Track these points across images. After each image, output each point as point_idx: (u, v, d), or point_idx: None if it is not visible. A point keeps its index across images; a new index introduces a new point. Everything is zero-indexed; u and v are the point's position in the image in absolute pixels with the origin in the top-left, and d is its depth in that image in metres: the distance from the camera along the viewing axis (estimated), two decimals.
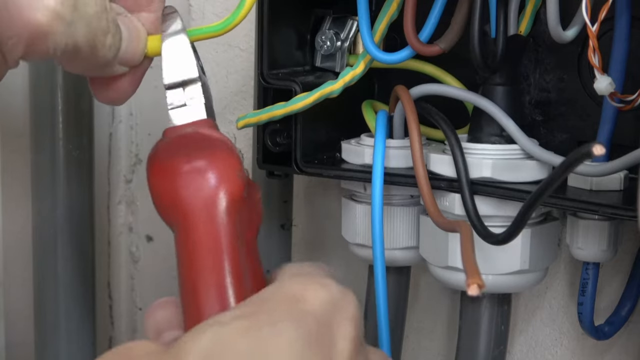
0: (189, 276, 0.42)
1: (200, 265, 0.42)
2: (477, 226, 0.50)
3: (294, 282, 0.41)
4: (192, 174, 0.43)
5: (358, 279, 0.67)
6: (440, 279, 0.55)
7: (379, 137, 0.53)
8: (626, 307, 0.57)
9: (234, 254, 0.42)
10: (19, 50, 0.42)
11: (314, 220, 0.69)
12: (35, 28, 0.41)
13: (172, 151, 0.44)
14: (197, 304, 0.42)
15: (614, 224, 0.52)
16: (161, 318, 0.44)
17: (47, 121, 0.68)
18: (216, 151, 0.44)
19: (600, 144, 0.36)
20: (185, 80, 0.46)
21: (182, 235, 0.43)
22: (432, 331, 0.66)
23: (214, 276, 0.42)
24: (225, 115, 0.71)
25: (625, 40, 0.47)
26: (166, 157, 0.44)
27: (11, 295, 0.73)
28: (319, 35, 0.58)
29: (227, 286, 0.42)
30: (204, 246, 0.42)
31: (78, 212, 0.69)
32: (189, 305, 0.42)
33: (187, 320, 0.42)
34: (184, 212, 0.43)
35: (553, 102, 0.55)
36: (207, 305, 0.41)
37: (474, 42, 0.50)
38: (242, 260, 0.43)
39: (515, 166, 0.52)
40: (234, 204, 0.43)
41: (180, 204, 0.43)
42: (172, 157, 0.44)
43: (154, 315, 0.45)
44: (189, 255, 0.42)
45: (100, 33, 0.43)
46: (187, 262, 0.42)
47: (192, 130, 0.44)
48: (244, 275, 0.42)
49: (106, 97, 0.48)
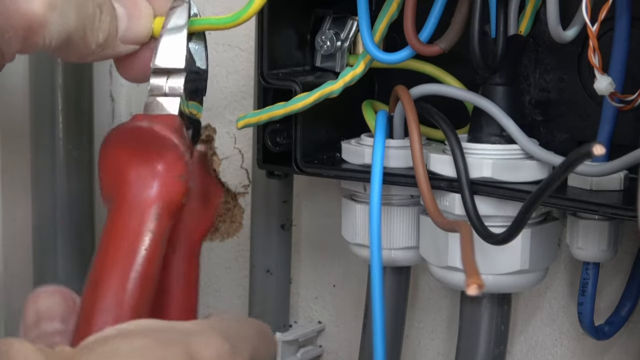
0: (97, 267, 0.42)
1: (111, 261, 0.42)
2: (477, 226, 0.50)
3: (205, 337, 0.40)
4: (133, 170, 0.43)
5: (358, 279, 0.67)
6: (440, 279, 0.55)
7: (379, 137, 0.53)
8: (626, 307, 0.57)
9: (150, 261, 0.42)
10: (16, 43, 0.42)
11: (314, 220, 0.69)
12: (31, 20, 0.41)
13: (124, 141, 0.44)
14: (95, 300, 0.41)
15: (614, 224, 0.52)
16: (43, 306, 0.44)
17: (47, 121, 0.68)
18: (164, 153, 0.43)
19: (600, 144, 0.36)
20: (171, 69, 0.46)
21: (107, 226, 0.43)
22: (432, 331, 0.66)
23: (119, 277, 0.41)
24: (225, 115, 0.71)
25: (625, 40, 0.47)
26: (116, 145, 0.44)
27: (11, 295, 0.73)
28: (319, 35, 0.58)
29: (131, 291, 0.41)
30: (123, 244, 0.42)
31: (78, 211, 0.69)
32: (86, 298, 0.42)
33: (82, 312, 0.42)
34: (116, 205, 0.43)
35: (553, 102, 0.55)
36: (103, 306, 0.41)
37: (474, 42, 0.50)
38: (156, 269, 0.42)
39: (515, 166, 0.52)
40: (169, 209, 0.43)
41: (116, 196, 0.43)
42: (120, 148, 0.44)
43: (37, 301, 0.44)
44: (105, 248, 0.42)
45: (88, 19, 0.44)
46: (101, 254, 0.42)
47: (147, 125, 0.44)
48: (152, 283, 0.42)
49: (128, 75, 0.49)
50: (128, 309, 0.41)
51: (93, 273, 0.42)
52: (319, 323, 0.70)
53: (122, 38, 0.46)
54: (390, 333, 0.59)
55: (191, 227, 0.46)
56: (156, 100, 0.46)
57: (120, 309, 0.41)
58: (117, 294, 0.41)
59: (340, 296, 0.69)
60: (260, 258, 0.66)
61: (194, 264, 0.46)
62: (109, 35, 0.45)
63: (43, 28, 0.42)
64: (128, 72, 0.48)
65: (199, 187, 0.47)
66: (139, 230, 0.42)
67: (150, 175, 0.43)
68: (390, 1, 0.53)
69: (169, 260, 0.44)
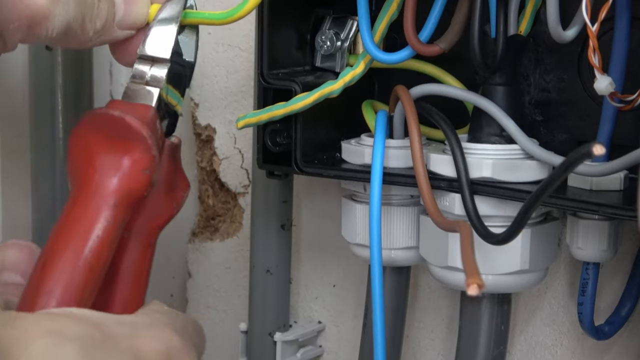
0: (49, 249, 0.43)
1: (63, 244, 0.42)
2: (477, 226, 0.50)
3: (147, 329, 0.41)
4: (100, 157, 0.44)
5: (358, 279, 0.67)
6: (440, 279, 0.55)
7: (379, 137, 0.53)
8: (626, 307, 0.57)
9: (101, 250, 0.43)
10: (19, 33, 0.43)
11: (314, 220, 0.69)
12: (36, 11, 0.42)
13: (95, 126, 0.45)
14: (43, 276, 0.42)
15: (614, 224, 0.52)
16: (10, 257, 0.45)
17: (47, 121, 0.68)
18: (131, 144, 0.44)
19: (600, 144, 0.36)
20: (156, 57, 0.47)
21: (65, 209, 0.44)
22: (432, 331, 0.66)
23: (68, 262, 0.42)
24: (225, 115, 0.71)
25: (625, 40, 0.47)
26: (88, 128, 0.45)
27: None
28: (319, 35, 0.58)
29: (78, 278, 0.42)
30: (77, 230, 0.43)
31: None
32: (33, 278, 0.42)
33: (27, 291, 0.42)
34: (78, 188, 0.44)
35: (553, 102, 0.55)
36: (48, 288, 0.41)
37: (474, 42, 0.50)
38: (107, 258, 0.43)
39: (515, 166, 0.52)
40: (127, 200, 0.44)
41: (80, 179, 0.44)
42: (91, 131, 0.45)
43: (6, 252, 0.45)
44: (60, 230, 0.43)
45: (87, 7, 0.45)
46: (55, 235, 0.43)
47: (119, 115, 0.44)
48: (101, 270, 0.43)
49: (123, 60, 0.49)
50: (73, 295, 0.42)
51: (44, 254, 0.43)
52: (319, 323, 0.70)
53: (119, 24, 0.47)
54: (390, 333, 0.59)
55: (151, 216, 0.46)
56: (136, 87, 0.47)
57: (65, 293, 0.41)
58: (64, 279, 0.42)
59: (340, 296, 0.69)
60: (260, 258, 0.66)
61: (148, 253, 0.46)
62: (106, 22, 0.46)
63: (47, 19, 0.43)
64: (123, 56, 0.49)
65: (165, 178, 0.47)
66: (95, 218, 0.43)
67: (115, 165, 0.44)
68: (390, 1, 0.53)
69: (123, 246, 0.45)
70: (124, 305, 0.45)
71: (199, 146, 0.72)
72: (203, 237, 0.74)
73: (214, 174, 0.72)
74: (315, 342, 0.70)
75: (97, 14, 0.45)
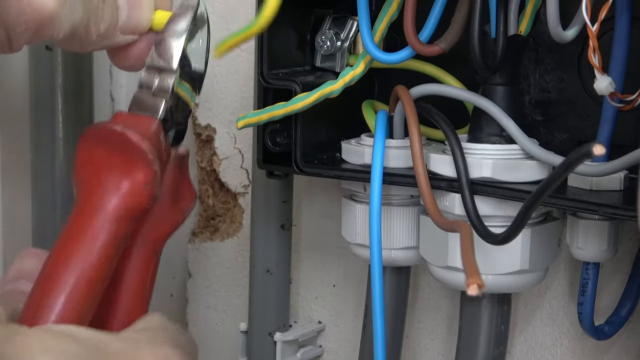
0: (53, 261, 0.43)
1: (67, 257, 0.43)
2: (477, 226, 0.50)
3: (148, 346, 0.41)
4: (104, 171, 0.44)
5: (358, 279, 0.67)
6: (440, 279, 0.55)
7: (379, 137, 0.53)
8: (626, 307, 0.57)
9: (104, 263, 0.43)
10: (26, 35, 0.43)
11: (314, 220, 0.69)
12: (43, 14, 0.42)
13: (100, 140, 0.45)
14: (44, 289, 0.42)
15: (614, 224, 0.52)
16: (28, 266, 0.46)
17: (47, 121, 0.68)
18: (133, 160, 0.44)
19: (600, 144, 0.36)
20: (163, 67, 0.47)
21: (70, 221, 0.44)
22: (432, 331, 0.66)
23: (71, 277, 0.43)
24: (225, 115, 0.71)
25: (625, 40, 0.47)
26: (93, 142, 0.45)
27: None
28: (319, 35, 0.58)
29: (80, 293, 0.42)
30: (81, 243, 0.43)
31: None
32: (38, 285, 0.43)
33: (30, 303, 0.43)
34: (82, 201, 0.44)
35: (553, 102, 0.55)
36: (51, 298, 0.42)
37: (474, 42, 0.50)
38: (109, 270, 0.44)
39: (515, 166, 0.52)
40: (130, 214, 0.44)
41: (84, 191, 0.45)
42: (97, 145, 0.45)
43: (23, 260, 0.46)
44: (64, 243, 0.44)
45: (92, 10, 0.45)
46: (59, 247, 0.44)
47: (120, 130, 0.45)
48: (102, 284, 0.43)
49: (122, 65, 0.49)
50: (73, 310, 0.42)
51: (47, 266, 0.43)
52: (319, 323, 0.70)
53: (122, 28, 0.47)
54: (390, 333, 0.59)
55: (155, 226, 0.47)
56: (143, 97, 0.47)
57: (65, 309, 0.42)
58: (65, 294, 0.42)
59: (340, 296, 0.69)
60: (260, 258, 0.66)
61: (152, 262, 0.47)
62: (110, 25, 0.46)
63: (54, 22, 0.43)
64: (122, 61, 0.49)
65: (171, 188, 0.48)
66: (97, 232, 0.43)
67: (118, 180, 0.44)
68: (390, 1, 0.53)
69: (128, 254, 0.46)
70: (127, 313, 0.46)
71: (199, 146, 0.72)
72: (203, 237, 0.74)
73: (214, 174, 0.72)
74: (315, 342, 0.70)
75: (101, 17, 0.45)
